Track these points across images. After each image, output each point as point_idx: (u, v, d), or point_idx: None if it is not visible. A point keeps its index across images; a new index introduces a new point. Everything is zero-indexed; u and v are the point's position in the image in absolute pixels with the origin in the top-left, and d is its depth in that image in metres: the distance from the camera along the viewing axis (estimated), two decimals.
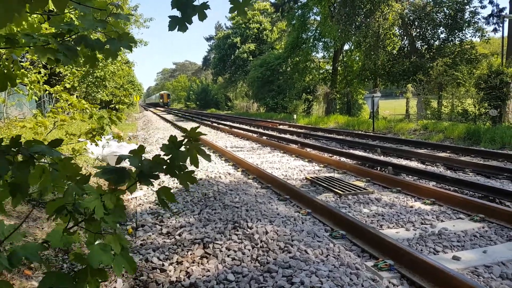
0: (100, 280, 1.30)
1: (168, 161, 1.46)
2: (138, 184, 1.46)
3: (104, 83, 19.10)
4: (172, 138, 1.48)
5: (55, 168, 1.31)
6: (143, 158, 1.43)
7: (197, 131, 1.50)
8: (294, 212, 4.53)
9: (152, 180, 1.41)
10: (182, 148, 1.48)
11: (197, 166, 1.57)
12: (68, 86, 7.35)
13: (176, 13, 1.54)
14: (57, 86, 5.86)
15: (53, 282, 1.17)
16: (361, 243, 3.54)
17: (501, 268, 3.05)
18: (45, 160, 1.36)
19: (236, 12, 1.69)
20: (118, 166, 1.42)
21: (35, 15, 2.16)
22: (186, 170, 1.49)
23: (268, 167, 7.70)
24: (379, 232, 3.50)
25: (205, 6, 1.54)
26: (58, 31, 1.59)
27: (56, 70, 8.08)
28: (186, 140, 1.50)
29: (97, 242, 1.33)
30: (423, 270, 2.82)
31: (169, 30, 1.57)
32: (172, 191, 5.20)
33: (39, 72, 5.64)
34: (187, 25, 1.55)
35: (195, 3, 1.54)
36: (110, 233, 1.39)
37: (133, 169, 1.43)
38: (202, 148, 1.53)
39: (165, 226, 4.18)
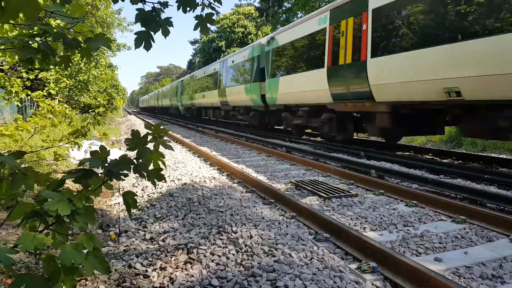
0: (76, 278, 1.31)
1: (134, 160, 1.51)
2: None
3: (87, 86, 18.84)
4: (135, 133, 1.52)
5: (17, 178, 1.33)
6: (111, 158, 1.50)
7: (161, 127, 1.57)
8: (279, 215, 4.54)
9: (122, 176, 1.48)
10: (150, 146, 1.53)
11: (163, 158, 1.62)
12: (53, 92, 7.24)
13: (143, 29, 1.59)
14: (39, 91, 5.77)
15: (25, 284, 1.16)
16: (345, 245, 3.56)
17: (481, 269, 3.10)
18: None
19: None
20: (87, 168, 1.48)
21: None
22: (153, 168, 1.52)
23: (253, 171, 7.70)
24: (362, 234, 3.53)
25: (168, 22, 1.58)
26: (34, 32, 1.60)
27: (40, 75, 7.98)
28: (151, 137, 1.55)
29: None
30: (405, 272, 2.85)
31: (135, 48, 1.61)
32: (155, 196, 5.14)
33: (21, 77, 5.55)
34: (152, 42, 1.60)
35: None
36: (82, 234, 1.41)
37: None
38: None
39: (149, 231, 4.13)
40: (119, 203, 5.47)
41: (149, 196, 5.63)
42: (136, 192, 5.98)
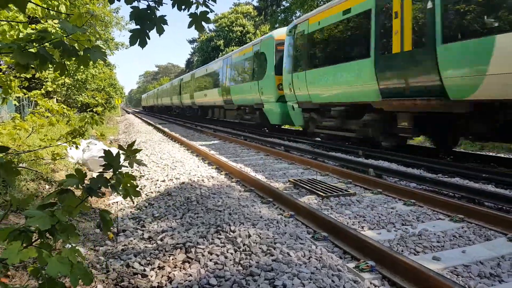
0: None
1: (110, 179, 1.64)
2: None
3: (85, 85, 18.81)
4: (107, 153, 1.66)
5: None
6: (89, 177, 1.64)
7: (133, 148, 1.73)
8: (277, 214, 4.54)
9: (99, 192, 1.62)
10: (125, 163, 1.67)
11: (134, 180, 1.76)
12: (50, 89, 7.21)
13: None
14: (36, 90, 5.75)
15: None
16: (343, 244, 3.56)
17: (479, 267, 3.11)
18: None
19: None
20: (66, 187, 1.61)
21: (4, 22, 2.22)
22: (129, 185, 1.64)
23: (252, 170, 7.69)
24: (360, 233, 3.53)
25: (162, 20, 1.60)
26: (32, 37, 1.62)
27: (37, 75, 7.97)
28: (125, 156, 1.71)
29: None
30: (404, 271, 2.85)
31: (130, 45, 1.62)
32: (153, 195, 5.13)
33: (19, 77, 5.53)
34: (147, 39, 1.62)
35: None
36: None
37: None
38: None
39: (147, 231, 4.13)
40: (117, 202, 5.47)
41: (147, 195, 5.63)
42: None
